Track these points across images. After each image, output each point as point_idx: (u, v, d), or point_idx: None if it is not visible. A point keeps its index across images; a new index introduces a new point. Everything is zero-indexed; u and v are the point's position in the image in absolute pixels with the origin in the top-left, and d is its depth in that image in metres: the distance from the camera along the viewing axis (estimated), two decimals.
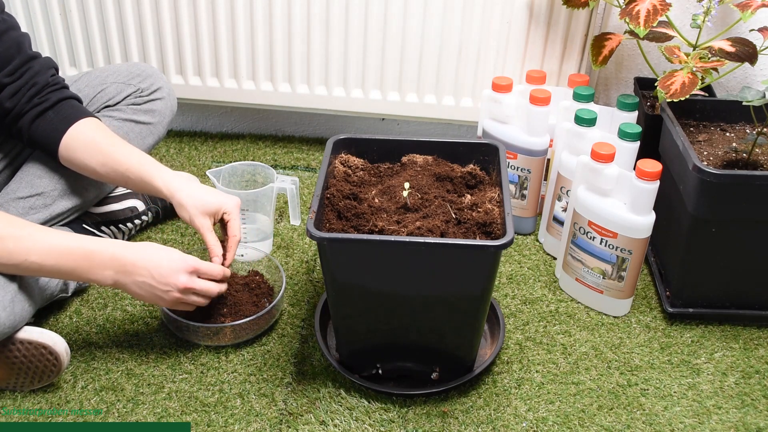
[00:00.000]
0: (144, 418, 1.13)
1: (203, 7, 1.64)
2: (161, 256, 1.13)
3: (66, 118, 1.25)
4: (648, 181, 1.22)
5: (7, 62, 1.21)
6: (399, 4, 1.59)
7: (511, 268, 1.47)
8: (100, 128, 1.27)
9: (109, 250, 1.11)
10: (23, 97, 1.23)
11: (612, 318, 1.35)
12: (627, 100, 1.43)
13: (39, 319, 1.27)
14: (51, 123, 1.24)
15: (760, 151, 1.33)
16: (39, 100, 1.23)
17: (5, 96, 1.22)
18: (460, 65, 1.65)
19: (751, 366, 1.26)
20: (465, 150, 1.25)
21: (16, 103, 1.23)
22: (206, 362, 1.23)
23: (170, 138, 1.87)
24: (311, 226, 1.03)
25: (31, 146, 1.29)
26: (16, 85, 1.22)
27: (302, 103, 1.75)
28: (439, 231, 1.08)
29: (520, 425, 1.14)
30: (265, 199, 1.43)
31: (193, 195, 1.23)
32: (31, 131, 1.24)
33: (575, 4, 1.51)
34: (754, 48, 1.39)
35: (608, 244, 1.29)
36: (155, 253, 1.13)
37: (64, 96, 1.26)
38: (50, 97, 1.24)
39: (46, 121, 1.24)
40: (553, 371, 1.23)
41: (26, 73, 1.23)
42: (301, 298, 1.38)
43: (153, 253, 1.13)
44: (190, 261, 1.15)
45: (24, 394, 1.16)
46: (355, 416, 1.14)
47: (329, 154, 1.21)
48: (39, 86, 1.23)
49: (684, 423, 1.15)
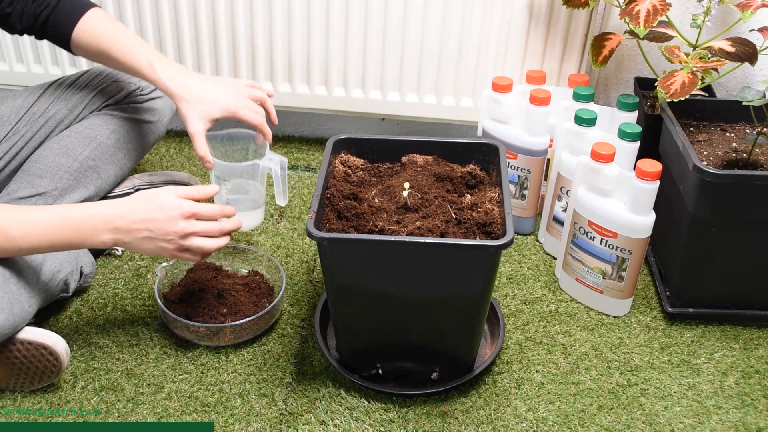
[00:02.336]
0: (144, 418, 1.13)
1: (203, 7, 1.64)
2: (153, 208, 1.09)
3: (73, 10, 1.27)
4: (648, 181, 1.22)
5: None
6: (399, 4, 1.59)
7: (511, 268, 1.47)
8: (107, 19, 1.30)
9: (97, 215, 1.08)
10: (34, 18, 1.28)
11: (612, 318, 1.35)
12: (627, 100, 1.43)
13: (39, 319, 1.27)
14: (60, 17, 1.27)
15: (760, 151, 1.33)
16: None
17: (14, 20, 1.28)
18: (460, 65, 1.65)
19: (751, 366, 1.26)
20: (465, 150, 1.25)
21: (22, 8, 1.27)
22: (206, 362, 1.23)
23: (170, 138, 1.87)
24: (311, 226, 1.03)
25: (41, 37, 1.31)
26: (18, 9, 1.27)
27: (302, 103, 1.75)
28: (439, 231, 1.08)
29: (520, 425, 1.14)
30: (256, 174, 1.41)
31: (192, 94, 1.24)
32: (46, 25, 1.28)
33: (575, 4, 1.51)
34: (754, 48, 1.39)
35: (608, 244, 1.29)
36: (147, 207, 1.09)
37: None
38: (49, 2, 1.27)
39: (55, 15, 1.27)
40: (553, 371, 1.23)
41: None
42: (301, 298, 1.38)
43: (145, 207, 1.09)
44: (186, 206, 1.10)
45: (24, 394, 1.16)
46: (355, 416, 1.14)
47: (329, 154, 1.21)
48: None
49: (684, 423, 1.15)
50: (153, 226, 1.09)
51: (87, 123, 1.38)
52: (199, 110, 1.24)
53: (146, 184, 1.49)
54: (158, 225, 1.09)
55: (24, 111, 1.37)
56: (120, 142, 1.40)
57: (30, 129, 1.36)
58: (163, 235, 1.09)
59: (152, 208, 1.09)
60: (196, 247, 1.12)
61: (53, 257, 1.21)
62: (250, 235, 1.53)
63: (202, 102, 1.24)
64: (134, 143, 1.43)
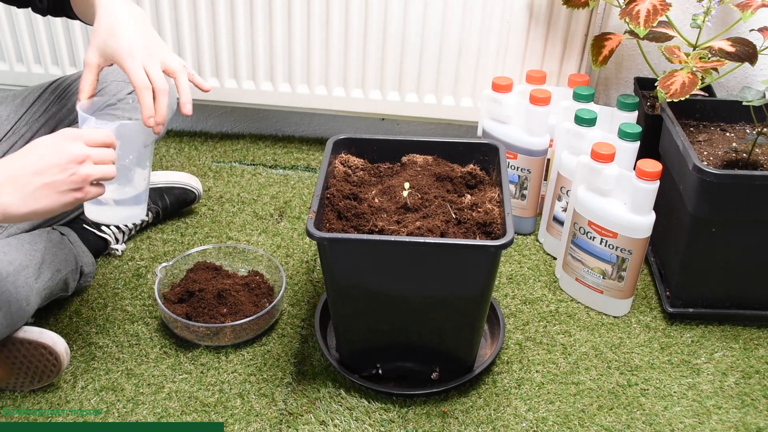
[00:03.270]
0: (144, 418, 1.13)
1: (203, 7, 1.64)
2: (32, 149, 0.94)
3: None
4: (648, 181, 1.22)
5: None
6: (399, 4, 1.59)
7: (511, 268, 1.47)
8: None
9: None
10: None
11: (612, 318, 1.35)
12: (627, 100, 1.43)
13: (39, 319, 1.27)
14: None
15: (760, 151, 1.33)
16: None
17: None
18: (460, 65, 1.65)
19: (751, 366, 1.26)
20: (465, 150, 1.25)
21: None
22: (206, 362, 1.23)
23: (170, 138, 1.87)
24: (311, 226, 1.03)
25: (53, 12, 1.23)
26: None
27: (302, 103, 1.75)
28: (439, 231, 1.08)
29: (520, 425, 1.14)
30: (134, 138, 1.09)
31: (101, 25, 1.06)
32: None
33: (575, 4, 1.51)
34: (754, 48, 1.39)
35: (608, 244, 1.29)
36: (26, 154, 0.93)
37: None
38: None
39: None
40: (553, 371, 1.23)
41: None
42: (301, 298, 1.38)
43: (21, 155, 0.93)
44: (66, 132, 0.96)
45: (24, 394, 1.16)
46: (355, 416, 1.14)
47: (329, 154, 1.21)
48: None
49: (684, 423, 1.15)
50: (42, 164, 0.92)
51: None
52: (100, 40, 1.06)
53: None
54: (48, 161, 0.92)
55: (24, 111, 1.37)
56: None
57: (30, 129, 1.36)
58: (58, 171, 0.92)
59: (32, 149, 0.94)
60: (97, 175, 0.95)
61: (53, 256, 1.21)
62: (250, 234, 1.53)
63: (112, 35, 1.06)
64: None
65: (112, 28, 1.06)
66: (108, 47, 1.06)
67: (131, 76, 1.05)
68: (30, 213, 0.93)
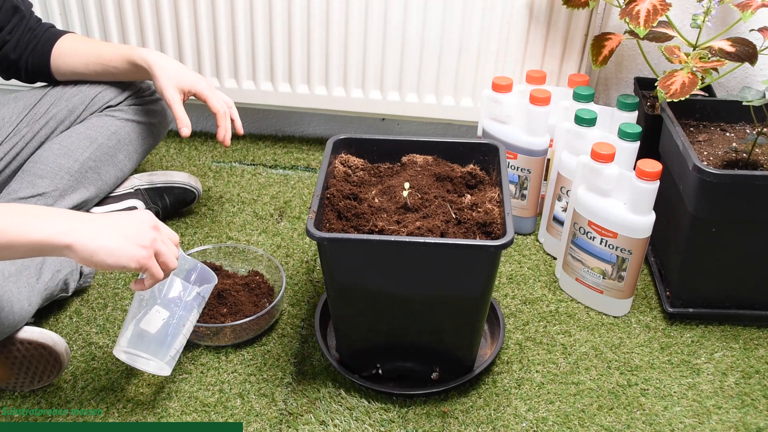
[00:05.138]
0: (144, 418, 1.13)
1: (203, 7, 1.64)
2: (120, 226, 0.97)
3: (47, 42, 1.37)
4: (648, 181, 1.22)
5: (6, 21, 1.34)
6: (399, 4, 1.59)
7: (511, 268, 1.47)
8: (77, 38, 1.40)
9: (60, 241, 0.92)
10: (25, 47, 1.36)
11: (612, 318, 1.35)
12: (627, 100, 1.43)
13: (39, 319, 1.27)
14: (38, 53, 1.37)
15: (760, 151, 1.33)
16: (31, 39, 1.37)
17: (9, 49, 1.36)
18: (460, 65, 1.65)
19: (751, 366, 1.26)
20: (465, 150, 1.25)
21: (20, 53, 1.36)
22: (206, 362, 1.23)
23: (170, 138, 1.87)
24: (311, 226, 1.03)
25: (29, 80, 1.42)
26: (15, 38, 1.36)
27: (302, 103, 1.75)
28: (439, 231, 1.08)
29: (520, 425, 1.14)
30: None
31: (167, 68, 1.33)
32: (27, 66, 1.38)
33: (575, 4, 1.51)
34: (754, 48, 1.39)
35: (608, 244, 1.29)
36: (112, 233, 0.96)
37: (44, 29, 1.39)
38: (37, 34, 1.37)
39: (34, 54, 1.37)
40: (553, 371, 1.23)
41: (19, 25, 1.36)
42: (301, 298, 1.38)
43: (109, 234, 0.95)
44: (150, 219, 1.00)
45: (24, 394, 1.16)
46: (355, 416, 1.14)
47: (329, 154, 1.21)
48: (31, 31, 1.37)
49: (684, 423, 1.15)
50: (123, 224, 0.97)
51: (88, 124, 1.39)
52: (174, 80, 1.33)
53: (146, 183, 1.50)
54: (130, 227, 0.97)
55: (25, 112, 1.37)
56: (121, 144, 1.40)
57: (31, 130, 1.36)
58: (136, 236, 0.97)
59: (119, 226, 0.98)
60: (167, 255, 1.00)
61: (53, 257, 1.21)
62: (250, 234, 1.53)
63: (178, 75, 1.34)
64: (135, 145, 1.43)
65: (178, 68, 1.34)
66: (184, 82, 1.34)
67: (213, 103, 1.35)
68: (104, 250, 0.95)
